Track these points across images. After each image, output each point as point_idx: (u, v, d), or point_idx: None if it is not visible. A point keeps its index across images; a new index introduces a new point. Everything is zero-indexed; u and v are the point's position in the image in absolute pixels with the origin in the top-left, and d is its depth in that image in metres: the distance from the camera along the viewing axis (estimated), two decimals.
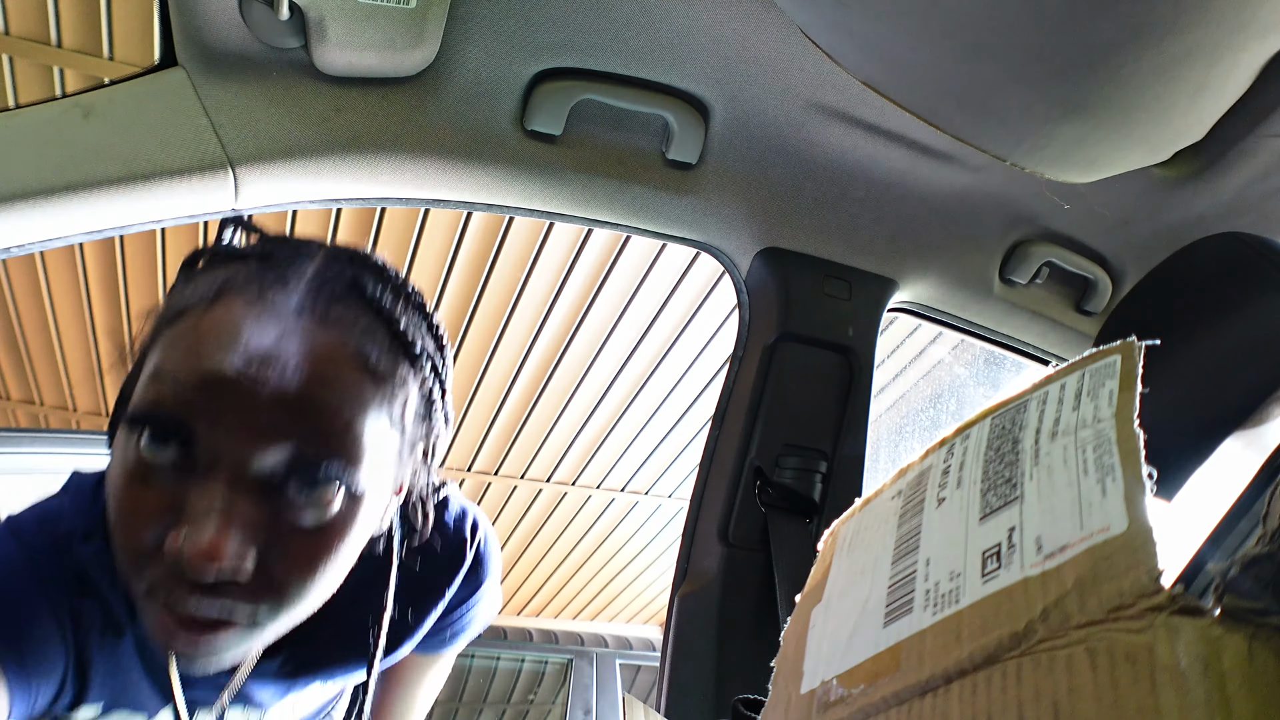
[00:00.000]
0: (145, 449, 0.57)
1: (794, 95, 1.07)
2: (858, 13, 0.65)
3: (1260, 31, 0.59)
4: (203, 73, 0.91)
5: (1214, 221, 1.14)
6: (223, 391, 0.56)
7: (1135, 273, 1.30)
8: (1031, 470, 0.39)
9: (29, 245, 0.86)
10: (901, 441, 4.18)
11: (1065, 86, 0.63)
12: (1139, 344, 0.41)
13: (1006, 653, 0.33)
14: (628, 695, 0.74)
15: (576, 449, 4.94)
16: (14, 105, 0.85)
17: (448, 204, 1.11)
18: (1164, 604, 0.29)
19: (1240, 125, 0.96)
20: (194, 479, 0.57)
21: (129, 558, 0.58)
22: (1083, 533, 0.34)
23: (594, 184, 1.12)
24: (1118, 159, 0.72)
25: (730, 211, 1.19)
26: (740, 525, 1.16)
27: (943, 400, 4.10)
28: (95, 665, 0.71)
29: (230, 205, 0.94)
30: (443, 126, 1.03)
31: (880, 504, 0.49)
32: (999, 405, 0.46)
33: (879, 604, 0.41)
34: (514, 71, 1.02)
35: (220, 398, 0.56)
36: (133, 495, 0.57)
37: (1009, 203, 1.23)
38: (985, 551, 0.37)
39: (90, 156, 0.85)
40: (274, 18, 0.88)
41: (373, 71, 0.96)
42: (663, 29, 1.00)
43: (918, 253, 1.25)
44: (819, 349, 1.22)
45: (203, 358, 0.57)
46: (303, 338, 0.59)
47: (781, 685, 0.45)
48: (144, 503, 0.57)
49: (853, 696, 0.39)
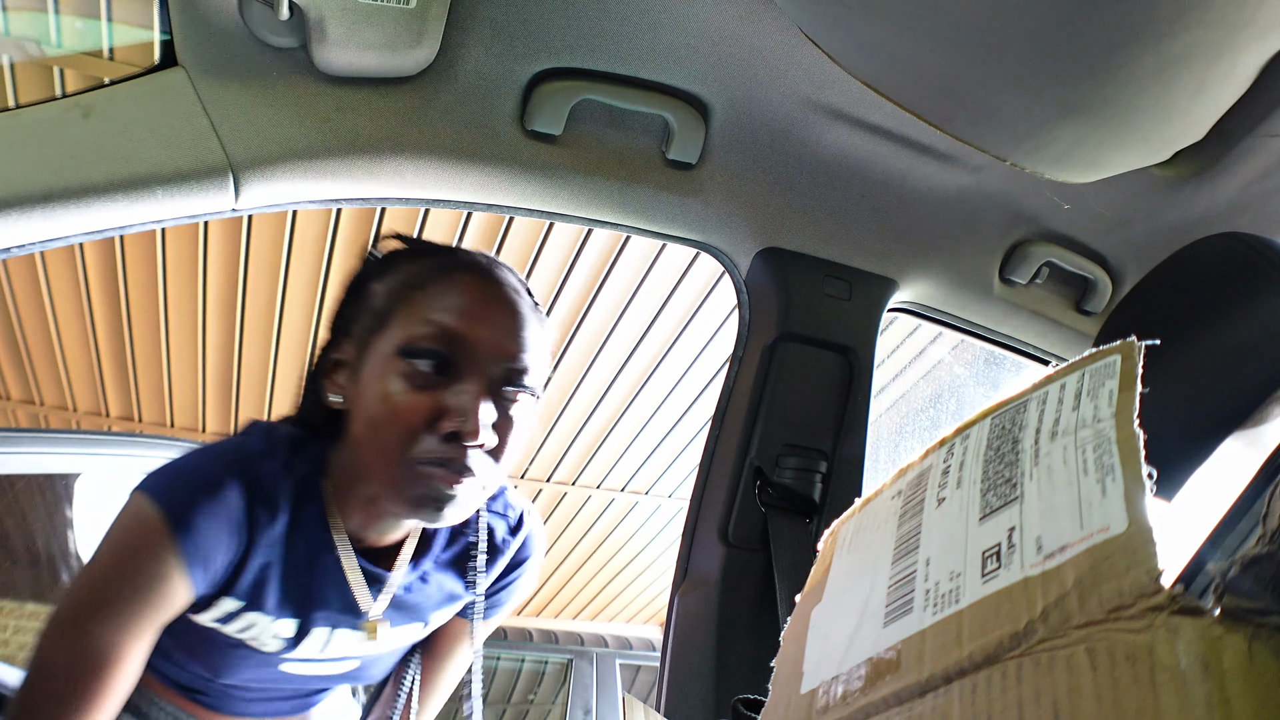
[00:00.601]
0: (418, 368, 0.85)
1: (794, 95, 1.07)
2: (858, 13, 0.65)
3: (1260, 31, 0.59)
4: (203, 73, 0.91)
5: (1214, 221, 1.14)
6: (479, 329, 0.87)
7: (1135, 273, 1.30)
8: (1031, 470, 0.39)
9: (29, 245, 0.86)
10: (901, 441, 4.18)
11: (1065, 86, 0.63)
12: (1139, 344, 0.41)
13: (1007, 653, 0.33)
14: (628, 695, 0.74)
15: (576, 449, 4.94)
16: (14, 105, 0.85)
17: (448, 204, 1.11)
18: (1164, 604, 0.29)
19: (1240, 125, 0.96)
20: (454, 384, 0.86)
21: (401, 436, 0.84)
22: (1083, 533, 0.34)
23: (594, 184, 1.12)
24: (1118, 159, 0.72)
25: (730, 211, 1.19)
26: (740, 525, 1.16)
27: (943, 400, 4.10)
28: (250, 567, 0.89)
29: (230, 205, 0.94)
30: (443, 126, 1.03)
31: (880, 504, 0.49)
32: (999, 405, 0.46)
33: (879, 604, 0.41)
34: (514, 71, 1.02)
35: (477, 333, 0.87)
36: (407, 397, 0.85)
37: (1009, 203, 1.23)
38: (985, 551, 0.37)
39: (90, 157, 0.85)
40: (274, 18, 0.88)
41: (373, 71, 0.96)
42: (663, 29, 1.00)
43: (918, 253, 1.25)
44: (819, 349, 1.22)
45: (462, 309, 0.88)
46: (514, 299, 0.92)
47: (781, 685, 0.45)
48: (416, 401, 0.85)
49: (853, 696, 0.39)
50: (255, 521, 0.88)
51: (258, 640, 0.93)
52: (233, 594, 0.89)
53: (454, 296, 0.89)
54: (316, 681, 1.05)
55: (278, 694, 1.07)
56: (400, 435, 0.84)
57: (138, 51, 2.68)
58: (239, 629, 0.92)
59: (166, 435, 4.64)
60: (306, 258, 3.70)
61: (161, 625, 0.86)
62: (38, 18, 2.68)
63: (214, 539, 0.84)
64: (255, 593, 0.90)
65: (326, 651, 0.98)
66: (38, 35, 2.72)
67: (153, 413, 4.78)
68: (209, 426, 4.84)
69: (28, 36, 2.69)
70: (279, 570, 0.90)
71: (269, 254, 3.68)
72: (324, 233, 3.58)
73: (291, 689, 1.07)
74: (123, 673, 0.83)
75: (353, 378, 0.91)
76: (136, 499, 0.85)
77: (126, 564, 0.83)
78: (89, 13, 2.71)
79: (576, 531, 5.75)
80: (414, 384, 0.85)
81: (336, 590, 0.94)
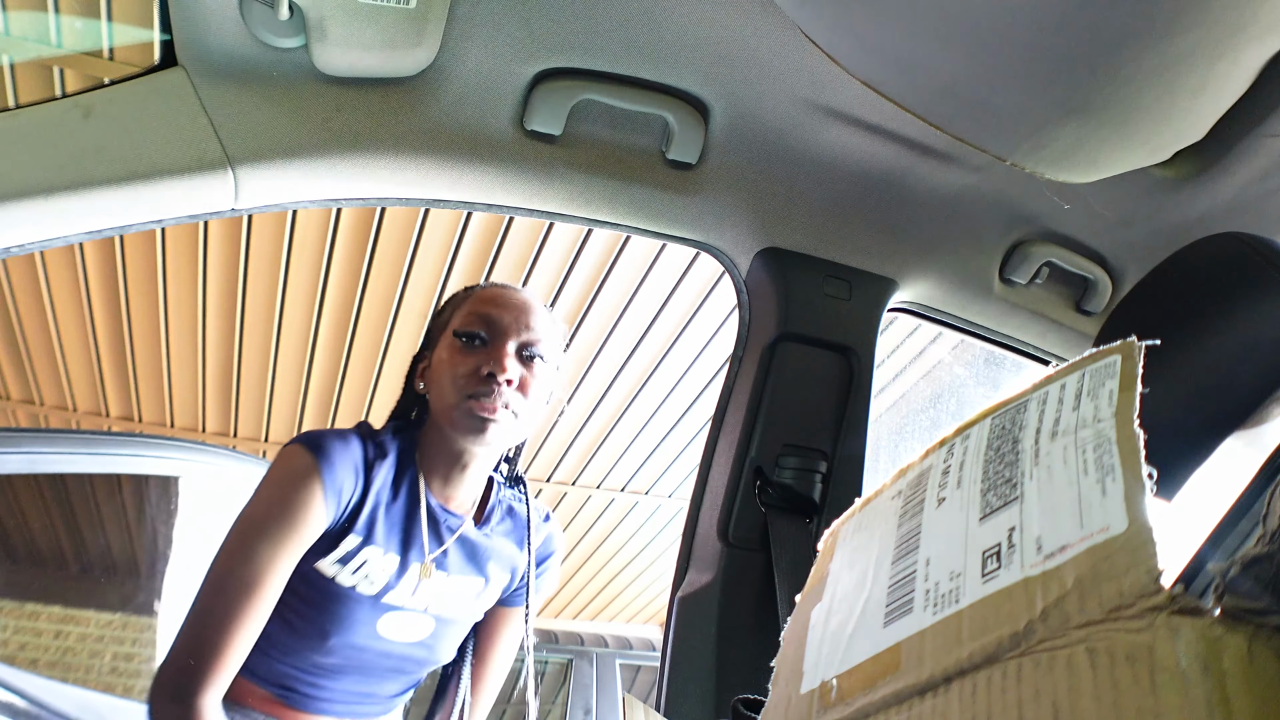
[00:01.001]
0: (465, 344, 1.22)
1: (794, 95, 1.07)
2: (858, 12, 0.65)
3: (1260, 32, 0.59)
4: (203, 73, 0.91)
5: (1214, 221, 1.14)
6: (502, 313, 1.24)
7: (1135, 273, 1.30)
8: (1031, 470, 0.39)
9: (29, 245, 0.86)
10: (901, 441, 4.18)
11: (1065, 86, 0.63)
12: (1139, 344, 0.41)
13: (1007, 653, 0.33)
14: (628, 695, 0.74)
15: (576, 449, 4.94)
16: (14, 105, 0.85)
17: (448, 204, 1.11)
18: (1164, 604, 0.29)
19: (1240, 125, 0.96)
20: (490, 351, 1.21)
21: (457, 383, 1.20)
22: (1083, 533, 0.34)
23: (594, 184, 1.12)
24: (1118, 159, 0.72)
25: (730, 211, 1.19)
26: (740, 525, 1.16)
27: (943, 400, 4.10)
28: (366, 506, 1.18)
29: (230, 205, 0.94)
30: (443, 126, 1.03)
31: (880, 504, 0.49)
32: (999, 405, 0.46)
33: (879, 604, 0.41)
34: (514, 71, 1.02)
35: (501, 316, 1.24)
36: (460, 358, 1.21)
37: (1009, 203, 1.23)
38: (985, 551, 0.37)
39: (90, 156, 0.85)
40: (274, 18, 0.88)
41: (373, 71, 0.96)
42: (663, 29, 1.00)
43: (918, 253, 1.26)
44: (819, 349, 1.22)
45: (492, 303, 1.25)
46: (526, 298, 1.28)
47: (781, 685, 0.45)
48: (466, 360, 1.21)
49: (853, 697, 0.39)
50: (371, 468, 1.20)
51: (369, 578, 1.19)
52: (354, 530, 1.18)
53: (487, 298, 1.27)
54: (398, 660, 1.26)
55: (363, 680, 1.26)
56: (456, 383, 1.20)
57: (138, 51, 2.68)
58: (354, 569, 1.18)
59: (166, 435, 4.64)
60: (306, 258, 3.70)
61: (302, 549, 1.13)
62: (38, 18, 2.68)
63: (344, 472, 1.16)
64: (369, 529, 1.19)
65: (415, 599, 1.23)
66: (38, 35, 2.72)
67: (152, 413, 4.79)
68: (209, 426, 4.84)
69: (28, 36, 2.69)
70: (385, 512, 1.21)
71: (269, 254, 3.68)
72: (324, 233, 3.58)
73: (376, 674, 1.26)
74: (271, 590, 1.11)
75: (429, 369, 1.27)
76: (288, 448, 1.17)
77: (280, 491, 1.13)
78: (89, 13, 2.72)
79: (576, 531, 5.75)
80: (464, 352, 1.22)
81: (417, 526, 1.24)
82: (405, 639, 1.24)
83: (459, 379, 1.19)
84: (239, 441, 4.90)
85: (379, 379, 4.40)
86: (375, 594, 1.19)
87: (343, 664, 1.22)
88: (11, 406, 4.75)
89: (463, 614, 1.31)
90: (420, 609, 1.24)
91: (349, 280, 3.82)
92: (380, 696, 1.29)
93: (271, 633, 1.15)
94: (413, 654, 1.26)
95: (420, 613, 1.24)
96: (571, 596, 6.57)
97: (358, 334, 4.14)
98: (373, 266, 3.73)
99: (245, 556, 1.09)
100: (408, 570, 1.21)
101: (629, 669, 4.82)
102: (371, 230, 3.56)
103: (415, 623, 1.24)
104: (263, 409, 4.69)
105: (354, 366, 4.36)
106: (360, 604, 1.19)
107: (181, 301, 3.95)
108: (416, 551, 1.23)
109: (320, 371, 4.41)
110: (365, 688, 1.26)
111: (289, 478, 1.13)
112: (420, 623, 1.25)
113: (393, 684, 1.30)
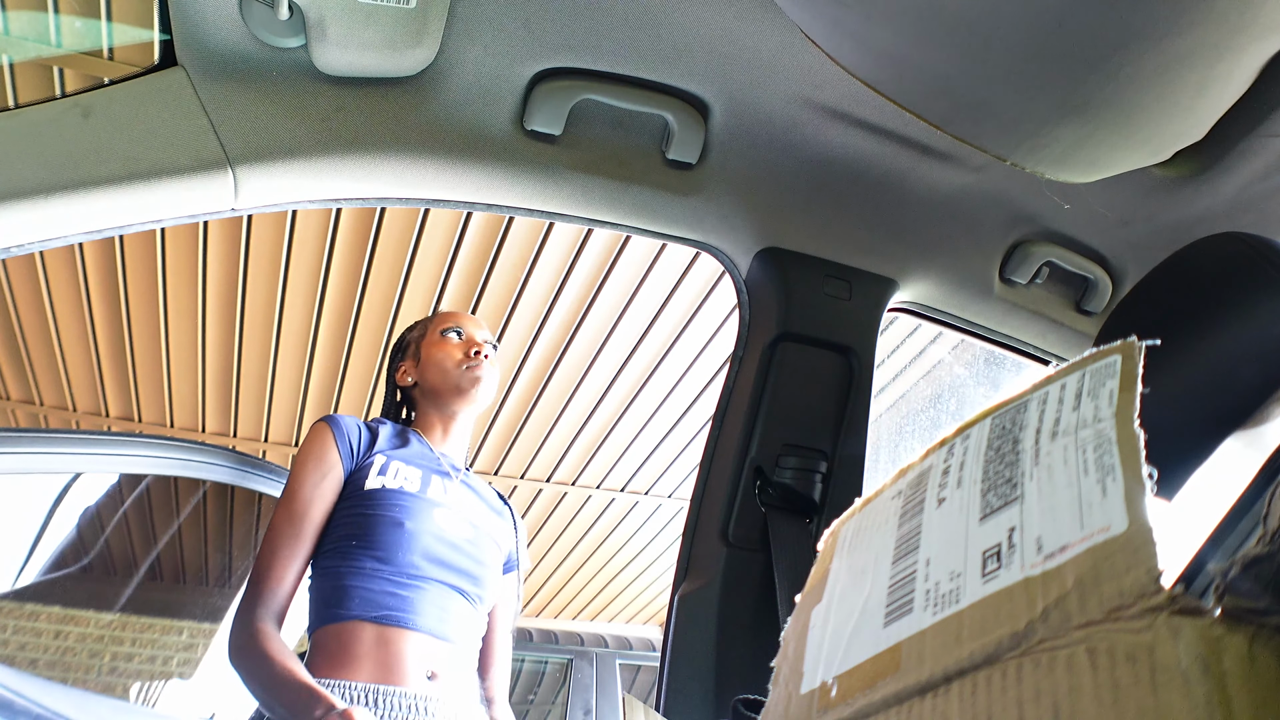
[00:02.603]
0: (449, 337, 1.67)
1: (794, 95, 1.07)
2: (857, 12, 0.65)
3: (1260, 32, 0.59)
4: (203, 73, 0.91)
5: (1214, 221, 1.14)
6: (468, 323, 1.71)
7: (1135, 273, 1.30)
8: (1032, 470, 0.39)
9: (29, 245, 0.86)
10: (901, 441, 4.18)
11: (1065, 86, 0.63)
12: (1139, 344, 0.41)
13: (1007, 653, 0.33)
14: (628, 695, 0.74)
15: (576, 449, 4.94)
16: (14, 105, 0.85)
17: (448, 204, 1.11)
18: (1164, 604, 0.29)
19: (1240, 125, 0.96)
20: (470, 340, 1.68)
21: (456, 361, 1.63)
22: (1083, 533, 0.34)
23: (594, 184, 1.12)
24: (1118, 159, 0.72)
25: (730, 211, 1.19)
26: (740, 525, 1.16)
27: (943, 400, 4.10)
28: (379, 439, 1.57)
29: (230, 205, 0.94)
30: (443, 126, 1.03)
31: (880, 504, 0.49)
32: (999, 405, 0.46)
33: (879, 604, 0.41)
34: (514, 71, 1.02)
35: (469, 325, 1.71)
36: (453, 346, 1.65)
37: (1009, 203, 1.23)
38: (985, 551, 0.37)
39: (90, 156, 0.85)
40: (274, 18, 0.88)
41: (373, 71, 0.96)
42: (663, 29, 1.00)
43: (918, 253, 1.25)
44: (819, 349, 1.22)
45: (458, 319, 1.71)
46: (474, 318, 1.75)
47: (781, 685, 0.45)
48: (459, 346, 1.66)
49: (853, 697, 0.39)
50: (375, 431, 1.59)
51: (408, 479, 1.52)
52: (377, 450, 1.54)
53: (450, 315, 1.73)
54: (458, 556, 1.50)
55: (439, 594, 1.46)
56: (455, 361, 1.64)
57: (138, 51, 2.68)
58: (393, 475, 1.51)
59: (166, 435, 4.64)
60: (306, 258, 3.70)
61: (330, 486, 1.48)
62: (37, 17, 2.68)
63: (350, 428, 1.56)
64: (388, 451, 1.55)
65: (449, 498, 1.55)
66: (37, 35, 2.72)
67: (152, 413, 4.78)
68: (208, 426, 4.84)
69: (28, 36, 2.69)
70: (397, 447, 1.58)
71: (269, 254, 3.68)
72: (324, 233, 3.58)
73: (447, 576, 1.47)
74: (314, 521, 1.46)
75: (416, 366, 1.68)
76: (314, 425, 1.56)
77: (305, 449, 1.52)
78: (88, 13, 2.72)
79: (576, 531, 5.74)
80: (454, 342, 1.67)
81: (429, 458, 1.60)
82: (456, 535, 1.52)
83: (456, 358, 1.64)
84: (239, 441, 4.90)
85: (379, 379, 4.40)
86: (418, 491, 1.51)
87: (422, 563, 1.45)
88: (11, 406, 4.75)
89: (488, 525, 1.61)
90: (456, 507, 1.56)
91: (349, 280, 3.81)
92: (453, 619, 1.47)
93: (365, 566, 1.41)
94: (466, 554, 1.51)
95: (458, 511, 1.55)
96: (571, 596, 6.56)
97: (358, 334, 4.14)
98: (373, 266, 3.73)
99: (284, 501, 1.46)
100: (432, 479, 1.55)
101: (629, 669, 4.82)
102: (371, 230, 3.56)
103: (458, 521, 1.54)
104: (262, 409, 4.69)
105: (354, 366, 4.36)
106: (414, 498, 1.49)
107: (181, 301, 3.95)
108: (429, 472, 1.57)
109: (320, 371, 4.41)
110: (442, 600, 1.46)
111: (310, 438, 1.53)
112: (461, 522, 1.54)
113: (459, 604, 1.49)
